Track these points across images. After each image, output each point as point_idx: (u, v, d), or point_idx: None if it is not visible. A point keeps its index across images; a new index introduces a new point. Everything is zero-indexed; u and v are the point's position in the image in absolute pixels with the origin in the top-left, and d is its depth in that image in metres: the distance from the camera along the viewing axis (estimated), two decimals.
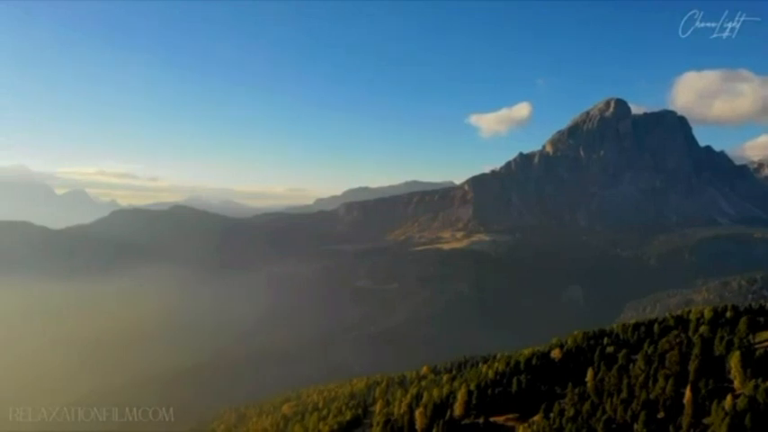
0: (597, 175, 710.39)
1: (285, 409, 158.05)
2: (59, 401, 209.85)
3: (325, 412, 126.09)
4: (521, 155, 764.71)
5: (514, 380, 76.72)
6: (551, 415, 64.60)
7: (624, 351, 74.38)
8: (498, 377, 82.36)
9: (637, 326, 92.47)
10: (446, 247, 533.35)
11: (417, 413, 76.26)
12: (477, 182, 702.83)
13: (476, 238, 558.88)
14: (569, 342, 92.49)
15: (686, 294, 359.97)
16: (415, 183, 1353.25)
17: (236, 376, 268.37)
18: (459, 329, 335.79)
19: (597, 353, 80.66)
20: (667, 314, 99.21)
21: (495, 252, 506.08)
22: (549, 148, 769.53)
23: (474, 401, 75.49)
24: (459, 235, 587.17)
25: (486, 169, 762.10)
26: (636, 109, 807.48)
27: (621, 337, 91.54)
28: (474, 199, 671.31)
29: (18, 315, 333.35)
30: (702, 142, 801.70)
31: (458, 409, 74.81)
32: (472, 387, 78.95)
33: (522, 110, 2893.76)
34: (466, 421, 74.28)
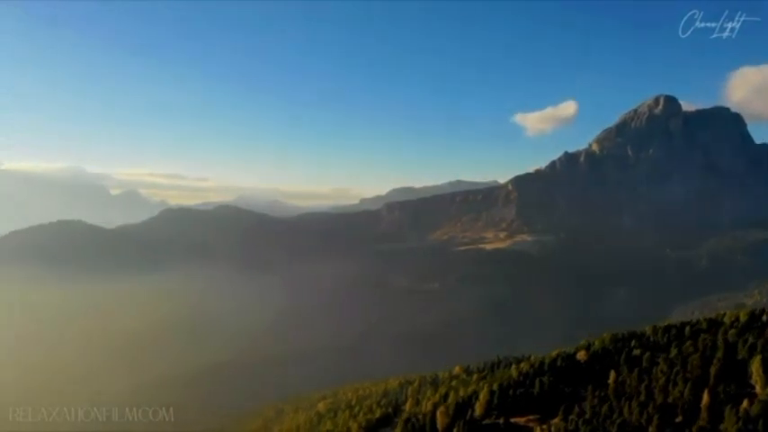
0: (645, 174, 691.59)
1: (320, 406, 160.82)
2: (101, 396, 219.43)
3: (356, 410, 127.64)
4: (566, 154, 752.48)
5: (537, 381, 76.41)
6: (570, 417, 64.24)
7: (648, 354, 73.22)
8: (521, 378, 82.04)
9: (667, 328, 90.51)
10: (488, 247, 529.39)
11: (438, 412, 76.73)
12: (521, 181, 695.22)
13: (519, 238, 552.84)
14: (596, 344, 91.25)
15: (738, 298, 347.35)
16: (459, 182, 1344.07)
17: (274, 374, 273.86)
18: (500, 330, 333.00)
19: (623, 355, 79.48)
20: (701, 317, 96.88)
21: (539, 252, 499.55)
22: (595, 147, 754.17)
23: (495, 402, 75.61)
24: (502, 235, 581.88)
25: (531, 169, 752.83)
26: (687, 106, 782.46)
27: (651, 339, 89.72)
28: (517, 199, 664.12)
29: (67, 311, 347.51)
30: (759, 140, 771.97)
31: (478, 409, 74.96)
32: (495, 387, 79.01)
33: (568, 108, 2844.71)
34: (487, 421, 74.35)
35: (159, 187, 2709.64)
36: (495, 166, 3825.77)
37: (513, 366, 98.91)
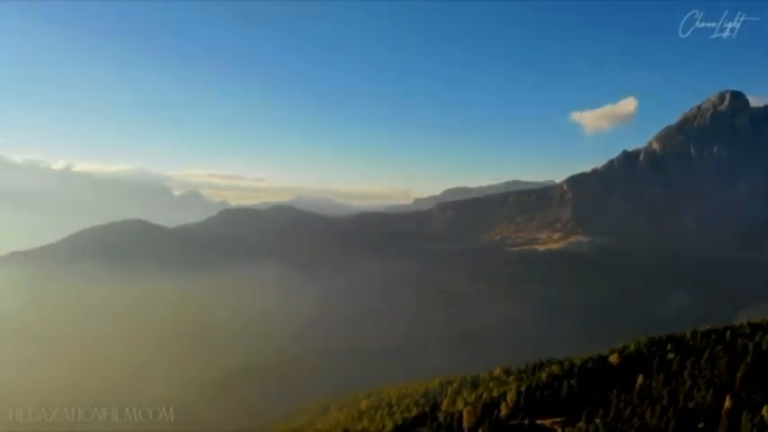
0: (710, 173, 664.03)
1: (363, 404, 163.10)
2: (153, 390, 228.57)
3: (395, 409, 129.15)
4: (624, 153, 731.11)
5: (565, 383, 75.80)
6: (596, 420, 63.65)
7: (678, 357, 71.60)
8: (550, 380, 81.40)
9: (707, 333, 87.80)
10: (542, 248, 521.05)
11: (465, 411, 77.10)
12: (576, 181, 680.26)
13: (573, 239, 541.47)
14: (632, 347, 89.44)
15: None
16: (515, 182, 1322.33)
17: (324, 372, 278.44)
18: (551, 332, 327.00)
19: (657, 359, 77.82)
20: (744, 321, 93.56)
21: (594, 254, 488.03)
22: (655, 146, 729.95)
23: (522, 403, 75.43)
24: (556, 236, 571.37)
25: (590, 168, 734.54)
26: (755, 101, 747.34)
27: (690, 343, 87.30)
28: (572, 199, 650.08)
29: (125, 307, 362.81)
30: None
31: (504, 410, 74.97)
32: (522, 389, 78.79)
33: (628, 105, 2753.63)
34: (512, 422, 74.29)
35: (219, 188, 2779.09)
36: (551, 166, 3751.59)
37: (547, 368, 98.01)
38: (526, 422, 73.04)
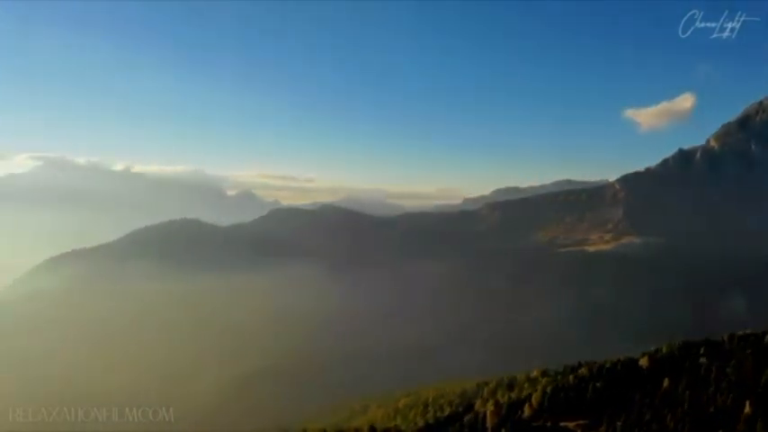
0: None
1: (401, 403, 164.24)
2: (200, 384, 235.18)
3: (430, 408, 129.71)
4: (680, 151, 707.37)
5: (590, 386, 74.93)
6: (617, 423, 62.85)
7: (709, 362, 69.79)
8: (577, 382, 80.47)
9: (745, 337, 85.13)
10: (591, 249, 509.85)
11: (488, 412, 77.13)
12: (629, 180, 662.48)
13: (625, 240, 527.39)
14: (664, 350, 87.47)
15: None
16: (567, 182, 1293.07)
17: (369, 370, 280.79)
18: (597, 334, 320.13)
19: (688, 363, 76.05)
20: None
21: (647, 256, 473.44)
22: (713, 143, 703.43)
23: (546, 404, 74.92)
24: (606, 237, 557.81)
25: (644, 167, 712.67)
26: None
27: (727, 347, 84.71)
28: (625, 199, 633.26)
29: (177, 306, 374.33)
30: None
31: (527, 411, 74.64)
32: (548, 390, 78.24)
33: (685, 102, 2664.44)
34: (535, 424, 73.85)
35: (271, 188, 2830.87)
36: (605, 165, 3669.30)
37: (578, 371, 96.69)
38: (549, 424, 72.60)
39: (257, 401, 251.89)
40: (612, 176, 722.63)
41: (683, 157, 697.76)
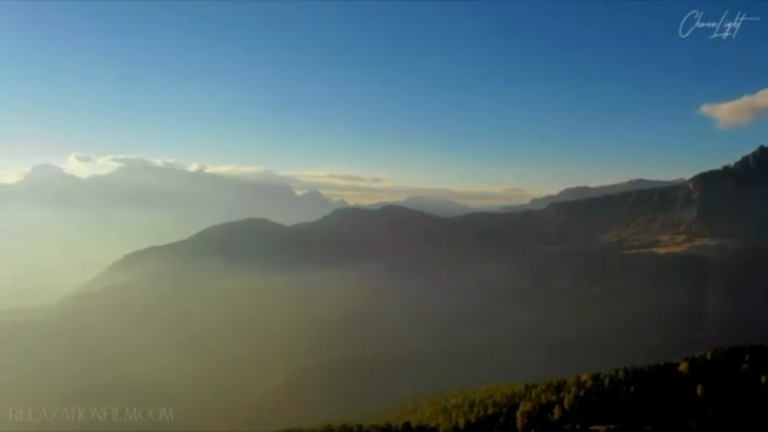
0: None
1: (450, 402, 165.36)
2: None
3: (475, 408, 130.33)
4: (762, 148, 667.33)
5: (624, 390, 74.27)
6: (645, 429, 62.51)
7: (748, 368, 67.97)
8: (612, 386, 79.82)
9: None
10: (662, 251, 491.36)
11: (518, 413, 77.67)
12: (704, 180, 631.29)
13: (698, 242, 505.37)
14: (708, 355, 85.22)
15: None
16: (640, 181, 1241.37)
17: (424, 369, 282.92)
18: (667, 340, 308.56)
19: (729, 369, 74.12)
20: None
21: (721, 259, 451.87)
22: None
23: (577, 408, 74.78)
24: (679, 239, 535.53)
25: (721, 166, 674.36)
26: None
27: None
28: (699, 199, 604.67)
29: (241, 301, 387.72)
30: None
31: (557, 414, 74.73)
32: (582, 393, 78.00)
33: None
34: (566, 427, 73.84)
35: (338, 188, 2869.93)
36: (680, 164, 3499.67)
37: (610, 375, 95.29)
38: (578, 427, 72.46)
39: (317, 397, 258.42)
40: (688, 175, 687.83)
41: (766, 154, 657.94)
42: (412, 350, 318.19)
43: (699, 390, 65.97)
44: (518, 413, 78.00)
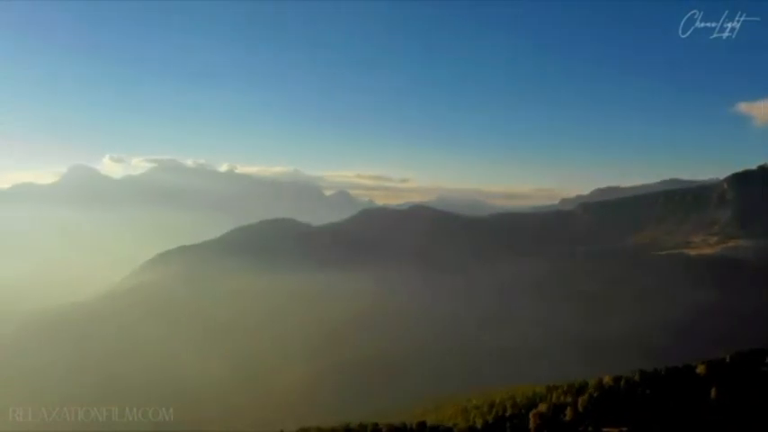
0: None
1: (473, 402, 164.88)
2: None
3: (494, 409, 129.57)
4: None
5: (638, 392, 73.41)
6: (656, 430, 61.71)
7: (765, 370, 66.56)
8: (625, 387, 78.89)
9: None
10: (694, 252, 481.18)
11: (531, 415, 77.26)
12: (740, 179, 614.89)
13: (732, 243, 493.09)
14: (727, 358, 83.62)
15: None
16: (672, 181, 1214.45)
17: (449, 369, 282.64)
18: (697, 342, 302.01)
19: (747, 371, 72.68)
20: None
21: (758, 260, 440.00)
22: None
23: (591, 410, 74.11)
24: (712, 240, 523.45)
25: (757, 165, 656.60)
26: None
27: None
28: (734, 199, 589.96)
29: (268, 302, 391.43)
30: None
31: (569, 415, 74.16)
32: (595, 394, 77.29)
33: None
34: (579, 429, 73.23)
35: (366, 188, 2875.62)
36: (715, 163, 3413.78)
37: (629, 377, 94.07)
38: (590, 429, 71.79)
39: (342, 396, 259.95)
40: (723, 175, 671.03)
41: None
42: (438, 350, 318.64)
43: (713, 393, 64.77)
44: (531, 414, 77.49)
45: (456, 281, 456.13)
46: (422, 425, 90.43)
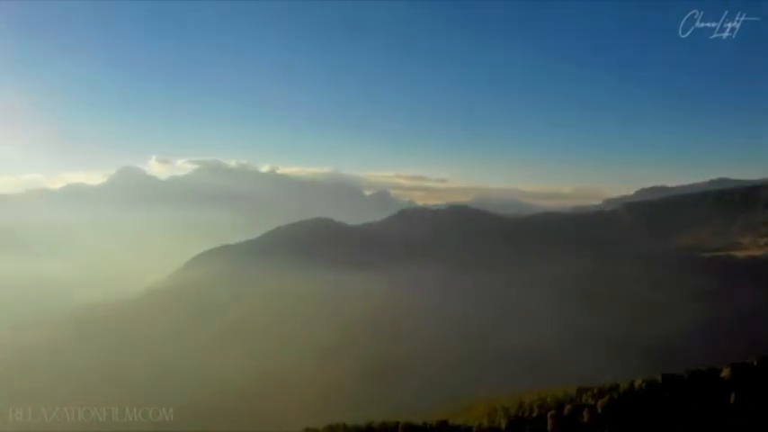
0: None
1: (500, 404, 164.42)
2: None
3: (521, 410, 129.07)
4: None
5: (659, 395, 72.39)
6: None
7: None
8: (646, 391, 77.78)
9: None
10: (741, 254, 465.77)
11: (549, 415, 76.89)
12: None
13: None
14: (754, 362, 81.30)
15: None
16: (721, 180, 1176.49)
17: (479, 370, 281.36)
18: (742, 345, 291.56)
19: None
20: None
21: None
22: None
23: (610, 412, 73.41)
24: (761, 241, 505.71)
25: None
26: None
27: None
28: None
29: (303, 302, 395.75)
30: None
31: (585, 417, 73.59)
32: (615, 397, 76.57)
33: None
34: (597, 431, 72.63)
35: (405, 188, 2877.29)
36: (765, 162, 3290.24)
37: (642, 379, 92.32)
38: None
39: (373, 398, 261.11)
40: None
41: None
42: (475, 350, 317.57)
43: (732, 398, 63.45)
44: (548, 415, 77.07)
45: (495, 281, 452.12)
46: (443, 424, 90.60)
